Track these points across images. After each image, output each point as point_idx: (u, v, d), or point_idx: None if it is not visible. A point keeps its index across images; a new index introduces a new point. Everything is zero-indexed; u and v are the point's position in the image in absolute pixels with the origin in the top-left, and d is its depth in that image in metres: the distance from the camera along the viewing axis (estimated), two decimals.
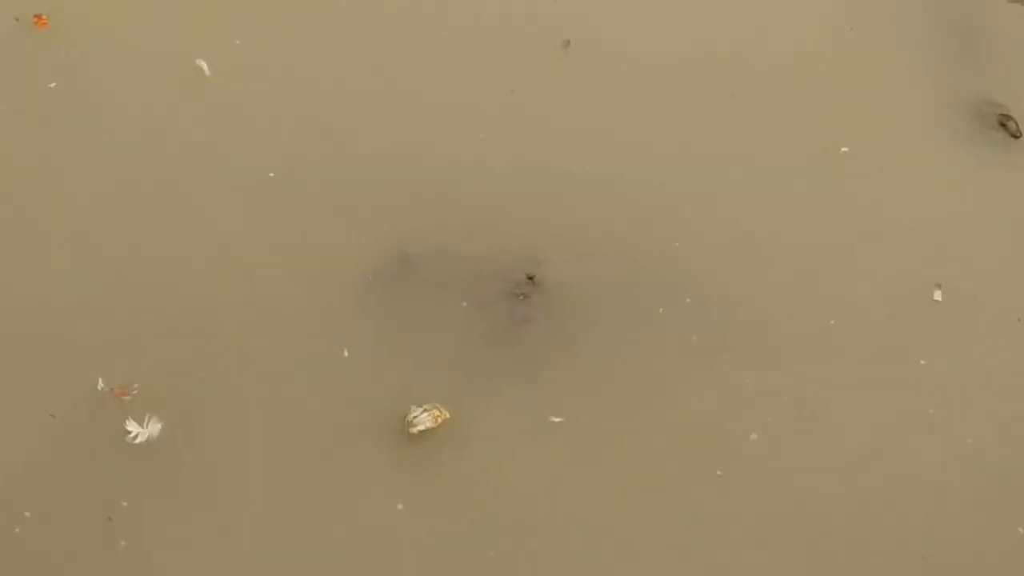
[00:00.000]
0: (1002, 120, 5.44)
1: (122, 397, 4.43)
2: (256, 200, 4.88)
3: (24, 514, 4.29)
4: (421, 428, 4.34)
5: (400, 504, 4.31)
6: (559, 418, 4.59)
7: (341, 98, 5.22)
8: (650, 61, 5.52)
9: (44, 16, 5.27)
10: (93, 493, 4.34)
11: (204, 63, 5.20)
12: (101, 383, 4.49)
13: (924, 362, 4.81)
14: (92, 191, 4.93)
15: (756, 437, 4.55)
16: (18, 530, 4.28)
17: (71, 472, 4.36)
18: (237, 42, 5.37)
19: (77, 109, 5.17)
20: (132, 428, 4.35)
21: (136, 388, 4.47)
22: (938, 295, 4.98)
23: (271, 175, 4.98)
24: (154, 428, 4.38)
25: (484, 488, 4.38)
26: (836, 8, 5.80)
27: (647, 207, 5.10)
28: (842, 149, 5.35)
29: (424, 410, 4.37)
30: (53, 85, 5.22)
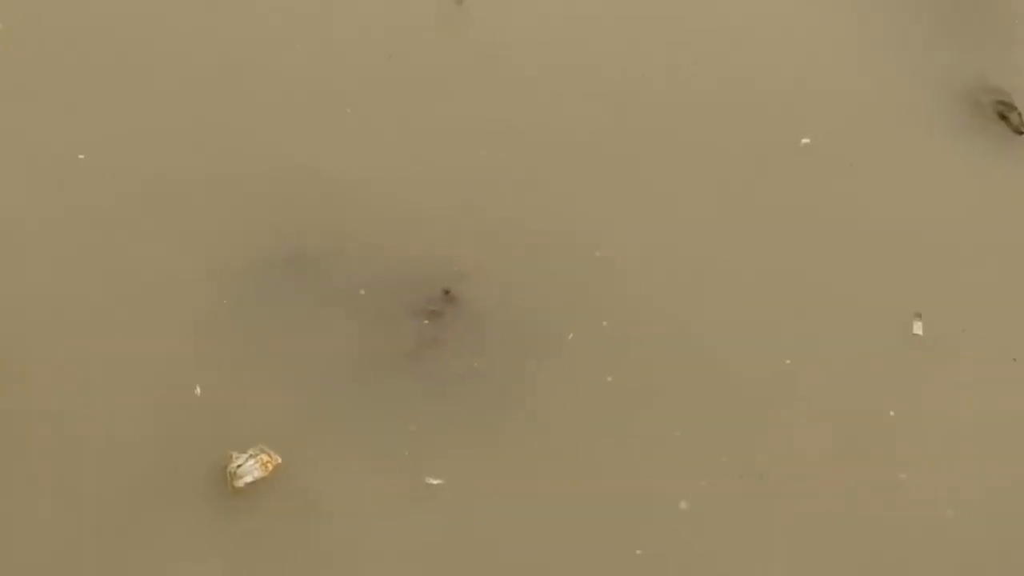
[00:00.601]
0: (1002, 111, 4.69)
1: None
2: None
3: None
4: (248, 480, 3.80)
5: None
6: (437, 480, 3.96)
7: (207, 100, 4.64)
8: (565, 35, 4.86)
9: None
10: None
11: None
12: None
13: (894, 414, 4.17)
14: None
15: (686, 506, 4.00)
16: None
17: None
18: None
19: None
20: None
21: None
22: (918, 328, 4.32)
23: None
24: None
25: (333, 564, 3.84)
26: None
27: (566, 212, 4.50)
28: (803, 141, 4.67)
29: (250, 456, 3.83)
30: None
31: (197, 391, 3.97)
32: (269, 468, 3.82)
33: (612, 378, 4.11)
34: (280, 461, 3.83)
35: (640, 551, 3.88)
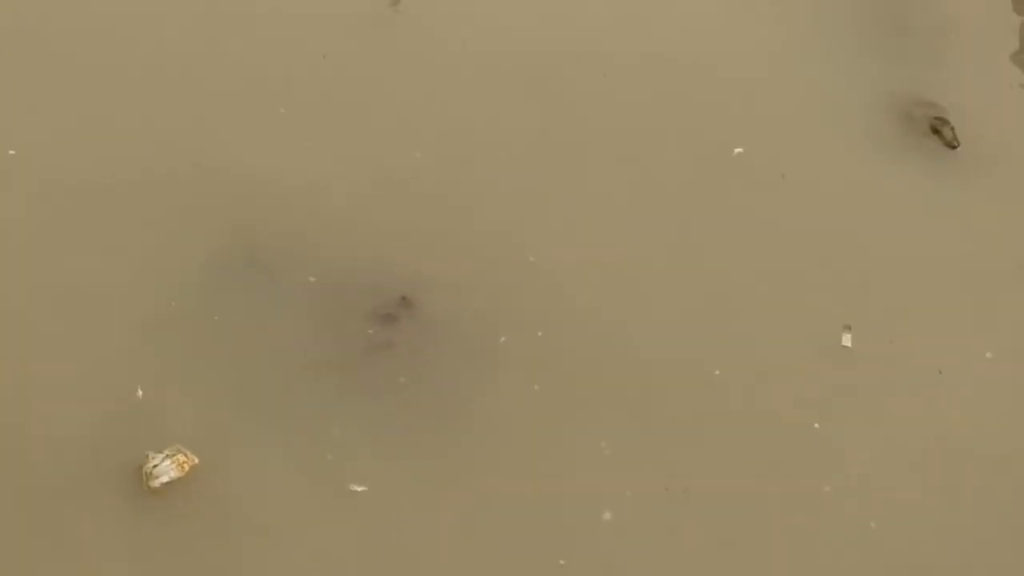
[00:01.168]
0: (935, 125, 4.66)
1: None
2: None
3: None
4: (164, 480, 3.72)
5: None
6: (361, 487, 3.87)
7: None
8: (502, 39, 4.77)
9: None
10: None
11: None
12: None
13: (819, 426, 4.12)
14: None
15: (610, 517, 3.92)
16: None
17: None
18: None
19: None
20: None
21: None
22: (847, 339, 4.28)
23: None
24: None
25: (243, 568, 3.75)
26: None
27: (500, 216, 4.41)
28: (735, 151, 4.60)
29: (166, 456, 3.75)
30: None
31: (139, 393, 3.89)
32: (186, 468, 3.74)
33: (539, 387, 4.05)
34: (197, 462, 3.76)
35: (563, 561, 3.82)
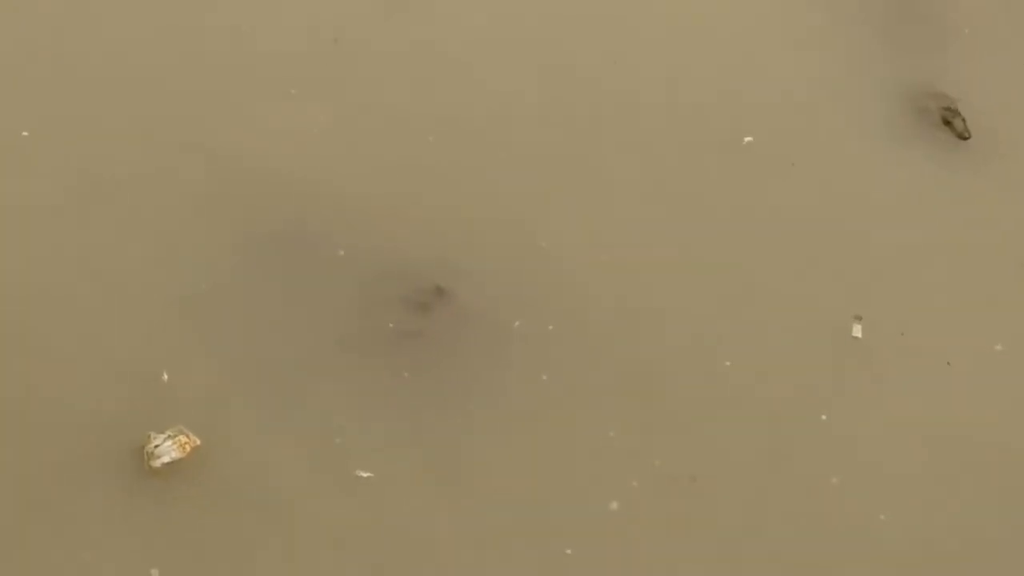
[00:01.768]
0: (946, 117, 4.63)
1: None
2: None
3: None
4: (165, 460, 3.70)
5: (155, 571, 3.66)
6: (367, 472, 3.85)
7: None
8: (514, 25, 4.76)
9: None
10: None
11: None
12: None
13: (826, 418, 4.09)
14: None
15: (617, 507, 3.91)
16: None
17: None
18: None
19: None
20: None
21: None
22: (857, 330, 4.25)
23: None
24: None
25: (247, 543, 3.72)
26: None
27: (511, 204, 4.39)
28: (745, 139, 4.57)
29: (168, 436, 3.73)
30: None
31: (165, 377, 3.87)
32: (187, 450, 3.72)
33: (547, 376, 4.03)
34: (199, 443, 3.73)
35: (569, 550, 3.81)
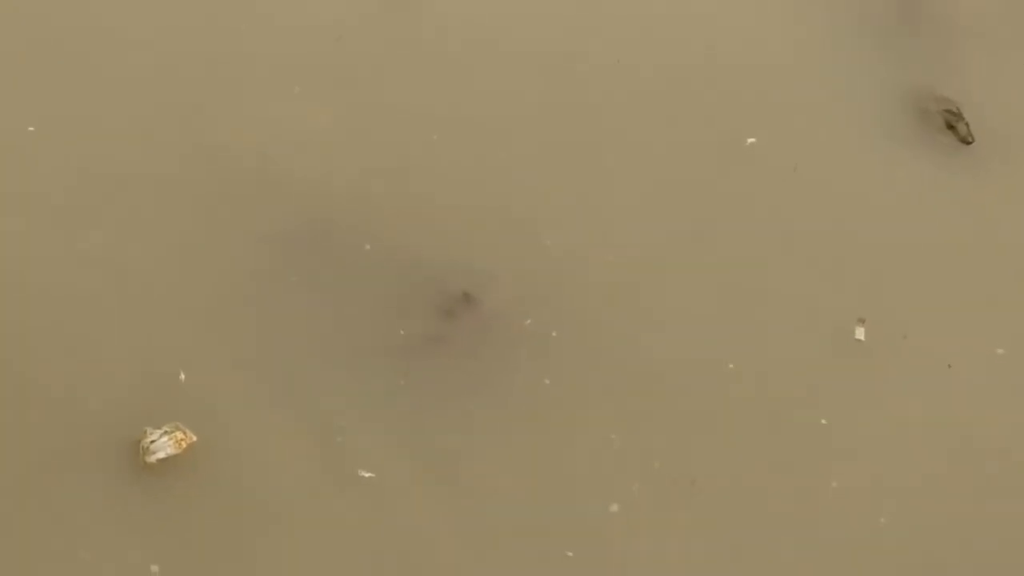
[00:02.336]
0: (950, 120, 4.58)
1: None
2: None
3: None
4: (160, 456, 3.71)
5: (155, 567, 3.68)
6: (369, 472, 3.85)
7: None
8: (517, 25, 4.72)
9: None
10: None
11: None
12: None
13: (826, 422, 4.07)
14: None
15: (617, 509, 3.90)
16: None
17: None
18: None
19: None
20: None
21: None
22: (860, 333, 4.23)
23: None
24: None
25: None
26: None
27: (516, 202, 4.38)
28: (748, 141, 4.54)
29: (164, 432, 3.73)
30: None
31: (182, 377, 3.88)
32: (183, 446, 3.72)
33: (550, 380, 4.02)
34: (195, 440, 3.74)
35: (571, 552, 3.81)
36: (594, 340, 4.10)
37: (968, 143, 4.54)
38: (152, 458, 3.69)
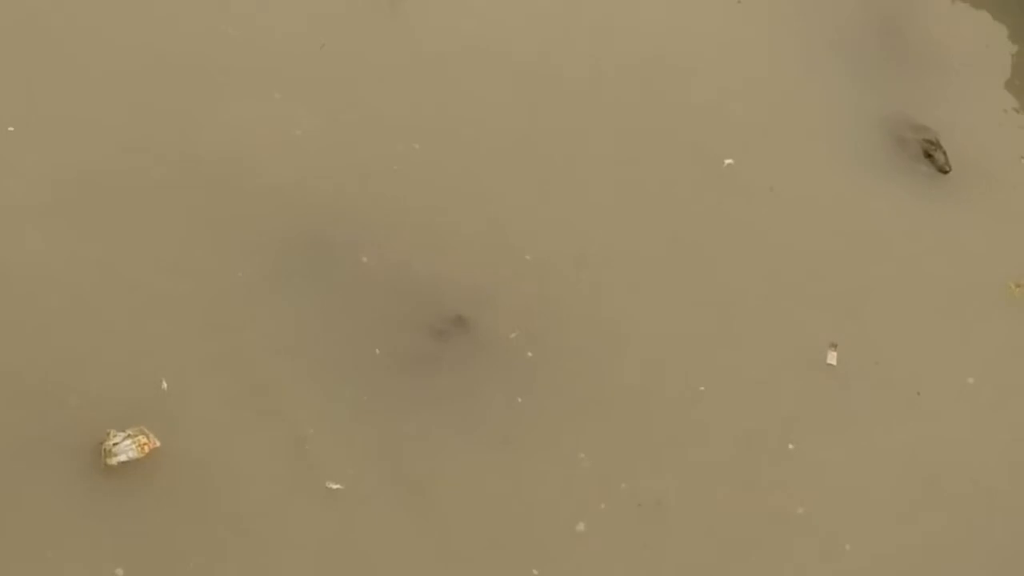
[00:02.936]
0: (928, 150, 4.58)
1: None
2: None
3: None
4: (122, 459, 3.67)
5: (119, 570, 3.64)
6: (337, 484, 3.82)
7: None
8: (499, 38, 4.70)
9: None
10: None
11: None
12: None
13: (793, 447, 4.06)
14: None
15: (583, 528, 3.88)
16: None
17: None
18: None
19: None
20: None
21: None
22: (832, 358, 4.22)
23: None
24: None
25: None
26: None
27: (496, 214, 4.36)
28: (726, 161, 4.53)
29: (128, 436, 3.70)
30: None
31: (164, 386, 3.84)
32: (146, 450, 3.68)
33: (522, 399, 4.00)
34: (158, 445, 3.70)
35: (536, 571, 3.78)
36: (568, 360, 4.08)
37: (945, 172, 4.53)
38: (113, 460, 3.65)
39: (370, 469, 3.85)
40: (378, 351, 4.00)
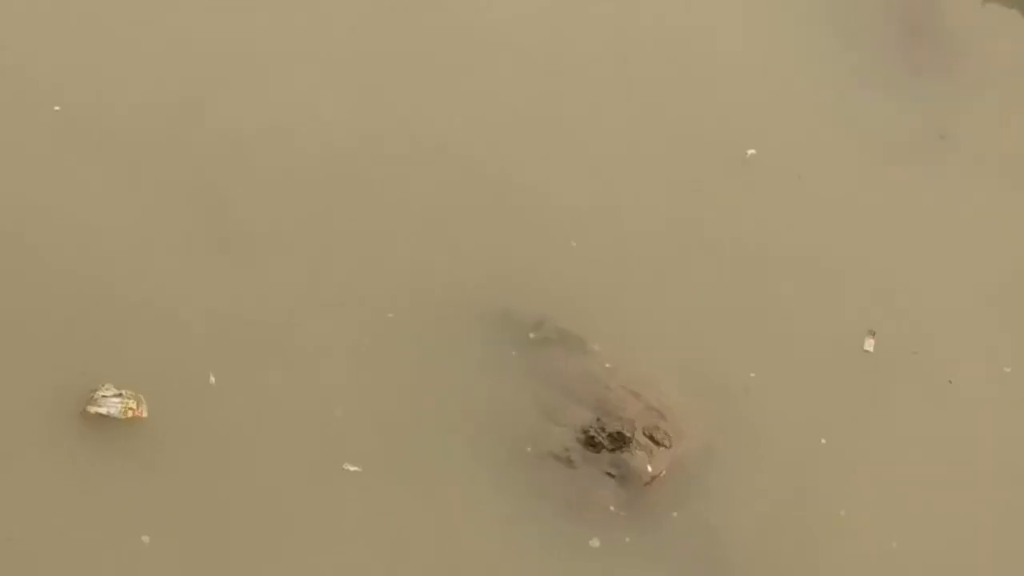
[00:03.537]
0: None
1: None
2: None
3: None
4: (102, 411, 3.64)
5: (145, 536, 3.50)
6: (355, 467, 3.68)
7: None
8: (521, 27, 4.59)
9: None
10: None
11: None
12: None
13: (825, 441, 3.93)
14: None
15: (599, 544, 3.75)
16: None
17: None
18: None
19: None
20: None
21: None
22: (869, 345, 4.10)
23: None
24: None
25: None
26: None
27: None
28: (748, 152, 4.44)
29: (119, 394, 3.66)
30: None
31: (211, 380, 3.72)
32: (128, 415, 3.65)
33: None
34: (145, 416, 3.64)
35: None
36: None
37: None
38: (92, 409, 3.63)
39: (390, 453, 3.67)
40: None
